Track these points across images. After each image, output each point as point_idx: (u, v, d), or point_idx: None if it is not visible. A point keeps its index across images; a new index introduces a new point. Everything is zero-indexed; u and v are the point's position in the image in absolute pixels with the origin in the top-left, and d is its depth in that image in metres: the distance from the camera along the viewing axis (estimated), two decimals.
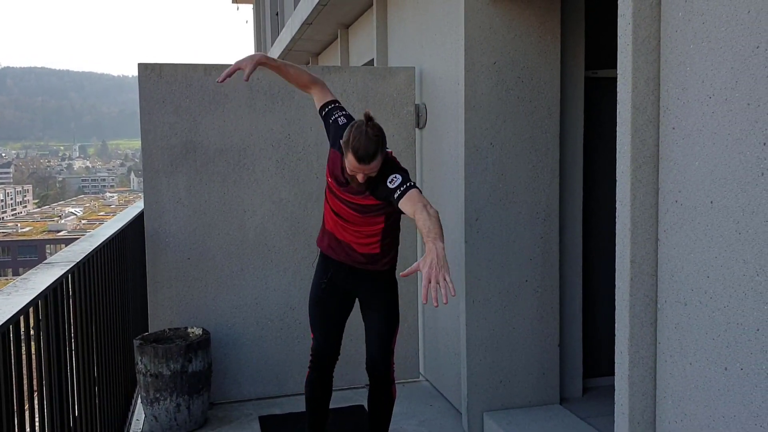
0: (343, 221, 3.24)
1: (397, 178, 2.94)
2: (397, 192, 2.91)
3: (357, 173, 2.97)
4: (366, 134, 2.90)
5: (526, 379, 4.21)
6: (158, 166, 4.49)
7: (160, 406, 4.14)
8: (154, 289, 4.54)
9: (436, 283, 2.41)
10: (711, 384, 2.22)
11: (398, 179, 2.94)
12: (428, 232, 2.59)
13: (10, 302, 2.20)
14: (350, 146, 2.91)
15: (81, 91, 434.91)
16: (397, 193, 2.90)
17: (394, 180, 2.94)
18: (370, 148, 2.89)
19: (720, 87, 2.14)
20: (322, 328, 3.40)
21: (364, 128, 2.92)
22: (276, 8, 13.36)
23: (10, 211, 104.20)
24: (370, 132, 2.91)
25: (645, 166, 2.45)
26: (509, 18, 4.00)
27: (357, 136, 2.90)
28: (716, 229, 2.17)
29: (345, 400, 4.63)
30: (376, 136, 2.92)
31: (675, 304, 2.39)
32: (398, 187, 2.91)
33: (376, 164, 2.95)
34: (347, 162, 2.97)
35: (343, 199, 3.18)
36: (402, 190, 2.90)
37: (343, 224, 3.24)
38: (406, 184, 2.92)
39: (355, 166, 2.93)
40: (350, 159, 2.93)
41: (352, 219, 3.20)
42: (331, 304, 3.39)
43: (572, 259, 4.37)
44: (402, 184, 2.91)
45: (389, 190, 2.94)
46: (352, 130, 2.94)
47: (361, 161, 2.90)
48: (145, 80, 4.44)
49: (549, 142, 4.12)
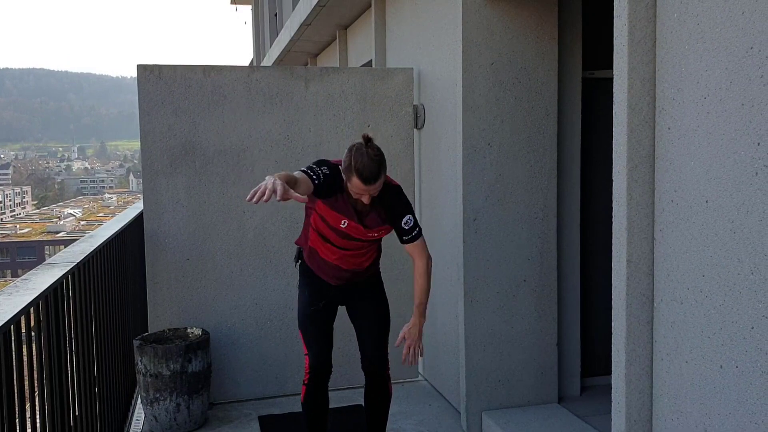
0: (337, 249, 3.24)
1: (410, 221, 3.20)
2: (409, 234, 3.20)
3: (362, 195, 3.00)
4: (368, 155, 2.93)
5: (524, 379, 4.23)
6: (158, 167, 4.50)
7: (159, 406, 4.16)
8: (153, 289, 4.55)
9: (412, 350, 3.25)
10: (707, 382, 2.24)
11: (411, 222, 3.20)
12: (420, 303, 3.23)
13: (11, 302, 2.21)
14: (354, 169, 2.92)
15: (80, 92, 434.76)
16: (408, 236, 3.20)
17: (408, 222, 3.19)
18: (374, 168, 2.92)
19: (714, 87, 2.16)
20: (317, 344, 3.39)
21: (364, 150, 2.94)
22: (275, 9, 13.38)
23: (9, 212, 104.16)
24: (371, 153, 2.94)
25: (641, 166, 2.47)
26: (506, 19, 4.02)
27: (359, 158, 2.92)
28: (711, 228, 2.19)
29: (344, 400, 4.65)
30: (377, 156, 2.96)
31: (671, 303, 2.40)
32: (411, 229, 3.20)
33: (380, 183, 2.99)
34: (351, 186, 2.97)
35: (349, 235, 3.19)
36: (413, 235, 3.20)
37: (334, 251, 3.24)
38: (417, 229, 3.21)
39: (360, 189, 2.95)
40: (355, 182, 2.94)
41: (352, 247, 3.24)
42: (323, 318, 3.40)
43: (570, 259, 4.39)
44: (413, 229, 3.20)
45: (402, 230, 3.19)
46: (352, 154, 2.95)
47: (366, 182, 2.93)
48: (144, 81, 4.45)
49: (547, 142, 4.14)
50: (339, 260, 3.26)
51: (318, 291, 3.37)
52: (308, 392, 3.42)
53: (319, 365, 3.39)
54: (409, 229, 3.18)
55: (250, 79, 4.61)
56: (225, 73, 4.58)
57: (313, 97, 4.72)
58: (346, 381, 4.82)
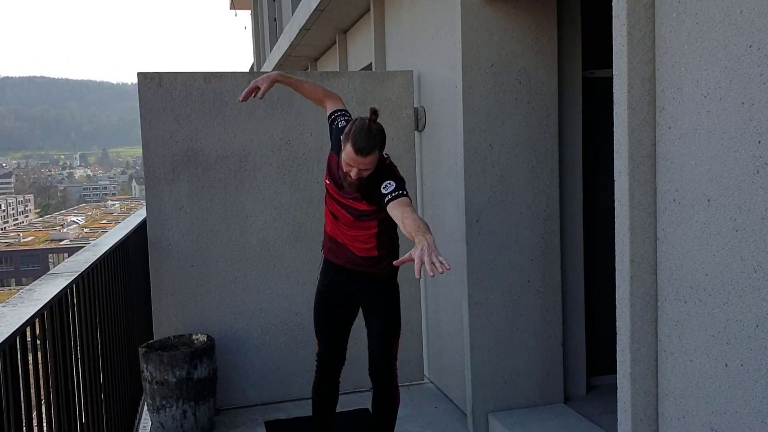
0: (340, 224, 3.28)
1: (390, 185, 2.98)
2: (388, 197, 2.95)
3: (351, 168, 2.97)
4: (368, 128, 2.93)
5: (530, 379, 4.23)
6: (160, 174, 4.51)
7: (166, 413, 4.16)
8: (158, 296, 4.56)
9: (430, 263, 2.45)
10: (712, 380, 2.24)
11: (392, 185, 2.97)
12: (417, 228, 2.64)
13: (16, 313, 2.22)
14: (350, 137, 2.93)
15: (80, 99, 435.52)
16: (388, 198, 2.94)
17: (387, 186, 2.97)
18: (370, 141, 2.91)
19: (714, 86, 2.16)
20: (326, 333, 3.43)
21: (367, 122, 2.95)
22: (274, 14, 13.40)
23: (12, 221, 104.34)
24: (373, 126, 2.95)
25: (642, 165, 2.47)
26: (505, 20, 4.02)
27: (358, 128, 2.93)
28: (714, 227, 2.20)
29: (350, 404, 4.65)
30: (377, 131, 2.96)
31: (675, 302, 2.41)
32: (390, 192, 2.95)
33: (371, 161, 2.95)
34: (344, 154, 2.98)
35: (340, 201, 3.22)
36: (393, 195, 2.94)
37: (340, 227, 3.29)
38: (399, 191, 2.96)
39: (351, 158, 2.94)
40: (348, 150, 2.94)
41: (347, 222, 3.24)
42: (334, 309, 3.41)
43: (574, 259, 4.39)
44: (395, 191, 2.95)
45: (381, 194, 2.97)
46: (354, 123, 2.97)
47: (358, 153, 2.91)
48: (145, 89, 4.46)
49: (548, 143, 4.14)
50: (346, 238, 3.27)
51: (325, 272, 3.44)
52: (316, 380, 3.49)
53: (326, 354, 3.43)
54: (388, 192, 2.95)
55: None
56: (226, 80, 4.59)
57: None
58: (352, 385, 4.82)
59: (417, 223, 2.69)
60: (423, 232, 2.60)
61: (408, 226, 2.71)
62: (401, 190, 2.97)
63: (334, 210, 3.26)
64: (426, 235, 2.57)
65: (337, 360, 3.45)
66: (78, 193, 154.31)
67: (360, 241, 3.26)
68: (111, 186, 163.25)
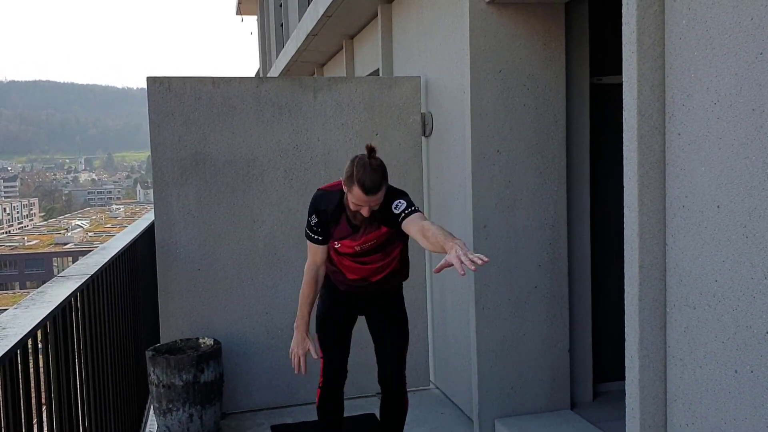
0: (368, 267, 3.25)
1: (401, 203, 3.02)
2: (401, 215, 2.99)
3: (363, 207, 2.99)
4: (370, 166, 2.94)
5: (536, 385, 4.23)
6: (168, 178, 4.53)
7: (172, 416, 4.17)
8: (165, 299, 4.58)
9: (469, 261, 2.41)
10: (721, 387, 2.24)
11: (402, 204, 3.02)
12: (445, 237, 2.63)
13: (29, 315, 2.24)
14: (355, 179, 2.93)
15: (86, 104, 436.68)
16: (402, 216, 2.99)
17: (398, 205, 3.02)
18: (376, 178, 2.93)
19: (725, 93, 2.17)
20: (333, 349, 3.42)
21: (366, 161, 2.96)
22: (280, 20, 13.44)
23: (17, 224, 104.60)
24: (374, 163, 2.96)
25: (651, 171, 2.48)
26: (514, 26, 4.03)
27: (361, 169, 2.94)
28: (723, 233, 2.20)
29: (356, 409, 4.65)
30: (379, 166, 2.97)
31: (684, 308, 2.41)
32: (403, 210, 3.00)
33: (381, 195, 2.99)
34: (352, 197, 2.98)
35: (363, 251, 3.19)
36: (406, 213, 2.98)
37: (364, 267, 3.25)
38: (411, 207, 3.00)
39: (361, 199, 2.95)
40: (356, 192, 2.94)
41: (377, 259, 3.23)
42: (339, 324, 3.42)
43: (581, 265, 4.39)
44: (407, 208, 3.00)
45: (394, 215, 3.02)
46: (354, 164, 2.96)
47: (368, 193, 2.93)
48: (154, 93, 4.49)
49: (555, 149, 4.15)
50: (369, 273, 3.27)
51: (333, 296, 3.41)
52: (323, 396, 3.47)
53: (334, 369, 3.42)
54: (401, 211, 2.99)
55: (259, 90, 4.64)
56: (234, 85, 4.61)
57: (322, 106, 4.75)
58: (357, 390, 4.83)
59: (442, 232, 2.68)
60: (452, 239, 2.60)
61: (433, 237, 2.70)
62: (412, 206, 3.02)
63: (360, 261, 3.23)
64: (456, 240, 2.56)
65: (343, 372, 3.46)
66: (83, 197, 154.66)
67: (385, 266, 3.27)
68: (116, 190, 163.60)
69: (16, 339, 1.95)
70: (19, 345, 1.96)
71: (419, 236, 2.81)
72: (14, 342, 1.93)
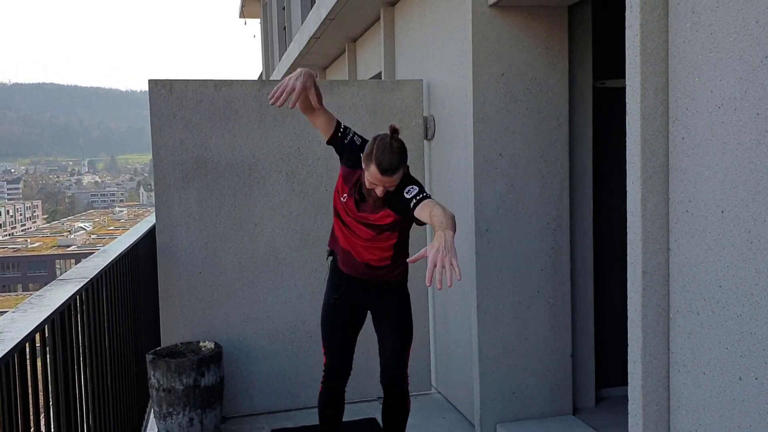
0: (358, 239, 3.24)
1: (413, 189, 3.00)
2: (413, 201, 2.96)
3: (377, 186, 2.98)
4: (391, 146, 2.93)
5: (539, 390, 4.20)
6: (170, 181, 4.52)
7: (173, 420, 4.15)
8: (166, 303, 4.56)
9: (442, 267, 2.45)
10: (725, 394, 2.22)
11: (415, 190, 2.99)
12: (440, 223, 2.65)
13: (26, 319, 2.22)
14: (374, 158, 2.92)
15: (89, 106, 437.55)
16: (413, 202, 2.96)
17: (410, 190, 3.00)
18: (394, 160, 2.92)
19: (729, 97, 2.15)
20: (334, 344, 3.40)
21: (388, 141, 2.95)
22: (283, 23, 13.45)
23: (20, 226, 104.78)
24: (395, 144, 2.95)
25: (655, 176, 2.46)
26: (516, 29, 4.02)
27: (381, 148, 2.92)
28: (728, 239, 2.18)
29: (357, 413, 4.63)
30: (399, 149, 2.96)
31: (687, 314, 2.39)
32: (414, 196, 2.97)
33: (398, 177, 2.97)
34: (368, 174, 2.97)
35: (358, 219, 3.19)
36: (418, 199, 2.95)
37: (357, 241, 3.24)
38: (423, 194, 2.98)
39: (377, 178, 2.94)
40: (372, 171, 2.93)
41: (367, 237, 3.21)
42: (343, 319, 3.40)
43: (584, 269, 4.37)
44: (419, 194, 2.97)
45: (406, 200, 2.99)
46: (375, 143, 2.96)
47: (384, 173, 2.91)
48: (156, 96, 4.48)
49: (558, 153, 4.13)
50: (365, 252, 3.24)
51: (336, 283, 3.39)
52: (322, 391, 3.46)
53: (334, 365, 3.40)
54: (412, 197, 2.97)
55: (261, 93, 4.63)
56: (236, 88, 4.60)
57: None
58: (359, 394, 4.80)
59: (443, 217, 2.69)
60: (444, 228, 2.60)
61: (434, 218, 2.72)
62: (424, 192, 3.00)
63: (353, 226, 3.22)
64: (446, 231, 2.57)
65: (345, 372, 3.44)
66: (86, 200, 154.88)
67: (378, 252, 3.24)
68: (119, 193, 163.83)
69: (12, 343, 1.94)
70: (16, 349, 1.95)
71: (427, 219, 2.84)
72: (11, 346, 1.92)
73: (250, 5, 19.13)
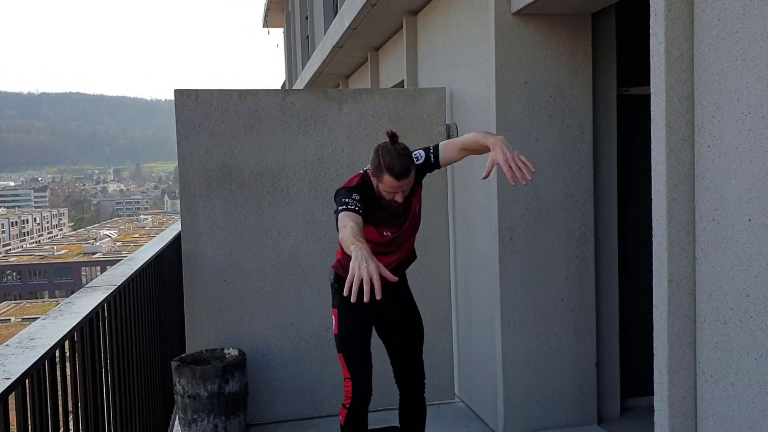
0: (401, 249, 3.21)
1: (420, 153, 3.05)
2: (431, 158, 3.04)
3: (396, 193, 2.97)
4: (396, 151, 2.93)
5: (563, 400, 4.18)
6: (195, 189, 4.57)
7: (197, 427, 4.18)
8: (190, 310, 4.60)
9: (516, 167, 2.57)
10: (754, 405, 2.19)
11: (422, 152, 3.05)
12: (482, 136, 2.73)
13: (56, 326, 2.26)
14: (384, 167, 2.91)
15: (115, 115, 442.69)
16: (432, 158, 3.04)
17: (418, 157, 3.04)
18: (405, 163, 2.92)
19: (756, 105, 2.13)
20: (361, 367, 3.31)
21: (390, 147, 2.94)
22: (306, 32, 13.54)
23: (47, 234, 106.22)
24: (399, 148, 2.95)
25: (681, 184, 2.44)
26: (540, 37, 4.01)
27: (388, 155, 2.92)
28: (755, 247, 2.16)
29: (380, 422, 4.62)
30: (404, 150, 2.96)
31: (714, 323, 2.36)
32: (428, 154, 3.05)
33: (412, 178, 2.97)
34: (384, 185, 2.95)
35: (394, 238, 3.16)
36: (433, 151, 3.04)
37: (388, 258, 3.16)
38: (431, 149, 3.04)
39: (394, 186, 2.93)
40: (387, 180, 2.92)
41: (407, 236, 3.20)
42: (363, 341, 3.34)
43: (608, 278, 4.34)
44: (429, 150, 3.04)
45: (421, 165, 3.03)
46: (380, 153, 2.95)
47: (399, 177, 2.91)
48: (181, 106, 4.53)
49: (582, 161, 4.11)
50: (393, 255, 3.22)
51: (352, 311, 3.27)
52: (349, 416, 3.34)
53: (363, 389, 3.32)
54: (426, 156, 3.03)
55: (285, 102, 4.67)
56: (260, 97, 4.64)
57: (347, 118, 4.76)
58: (382, 403, 4.79)
59: (475, 134, 2.76)
60: (488, 135, 2.66)
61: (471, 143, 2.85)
62: (430, 147, 3.06)
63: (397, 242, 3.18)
64: (495, 138, 2.62)
65: (369, 391, 3.36)
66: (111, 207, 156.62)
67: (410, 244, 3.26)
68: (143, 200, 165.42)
69: (44, 350, 1.97)
70: (47, 356, 1.98)
71: (463, 153, 2.98)
72: (42, 353, 1.95)
73: (274, 15, 19.28)
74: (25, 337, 2.11)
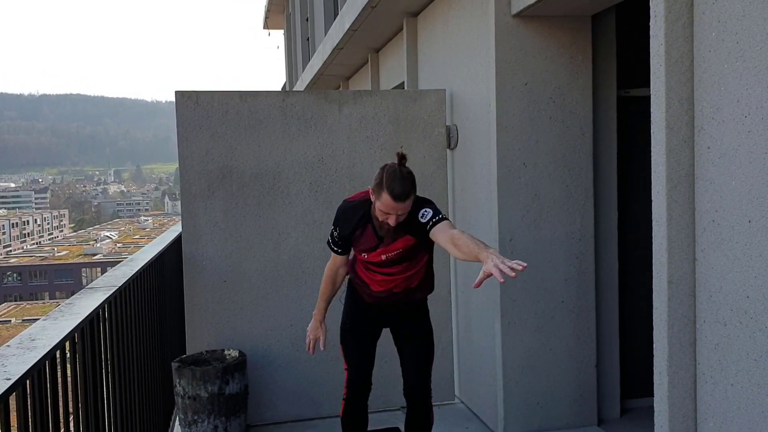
0: (396, 277, 3.24)
1: (427, 212, 3.00)
2: (429, 224, 2.96)
3: (389, 215, 2.97)
4: (400, 173, 2.94)
5: (563, 401, 4.18)
6: (195, 190, 4.57)
7: (198, 428, 4.18)
8: (191, 311, 4.61)
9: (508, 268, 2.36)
10: (754, 406, 2.20)
11: (429, 212, 2.99)
12: (478, 247, 2.59)
13: (57, 327, 2.26)
14: (385, 186, 2.92)
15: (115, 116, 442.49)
16: (429, 225, 2.96)
17: (425, 214, 2.99)
18: (406, 186, 2.93)
19: (756, 106, 2.13)
20: (358, 360, 3.43)
21: (396, 168, 2.96)
22: (307, 33, 13.55)
23: (47, 235, 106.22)
24: (404, 171, 2.96)
25: (680, 186, 2.45)
26: (540, 39, 4.02)
27: (391, 176, 2.93)
28: (755, 249, 2.16)
29: (380, 423, 4.63)
30: (409, 174, 2.97)
31: (714, 324, 2.37)
32: (430, 219, 2.97)
33: (409, 204, 2.97)
34: (380, 204, 2.96)
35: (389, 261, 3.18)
36: (434, 221, 2.95)
37: (390, 279, 3.24)
38: (438, 215, 2.98)
39: (390, 206, 2.94)
40: (385, 199, 2.93)
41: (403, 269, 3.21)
42: (365, 336, 3.43)
43: (608, 279, 4.34)
44: (434, 216, 2.97)
45: (421, 224, 2.99)
46: (384, 172, 2.96)
47: (397, 199, 2.91)
48: (182, 107, 4.54)
49: (582, 162, 4.12)
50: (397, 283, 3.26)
51: (359, 307, 3.42)
52: (347, 407, 3.48)
53: (358, 381, 3.43)
54: (428, 220, 2.96)
55: (285, 103, 4.67)
56: (261, 99, 4.65)
57: (347, 120, 4.77)
58: (382, 403, 4.80)
59: (473, 241, 2.66)
60: (485, 248, 2.57)
61: (464, 246, 2.67)
62: (439, 214, 2.99)
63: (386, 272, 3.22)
64: (489, 250, 2.52)
65: (367, 384, 3.47)
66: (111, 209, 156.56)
67: (411, 278, 3.26)
68: (144, 202, 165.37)
69: (44, 351, 1.98)
70: (47, 357, 1.99)
71: (449, 245, 2.79)
72: (43, 354, 1.95)
73: (274, 16, 19.29)
74: (25, 338, 2.11)
